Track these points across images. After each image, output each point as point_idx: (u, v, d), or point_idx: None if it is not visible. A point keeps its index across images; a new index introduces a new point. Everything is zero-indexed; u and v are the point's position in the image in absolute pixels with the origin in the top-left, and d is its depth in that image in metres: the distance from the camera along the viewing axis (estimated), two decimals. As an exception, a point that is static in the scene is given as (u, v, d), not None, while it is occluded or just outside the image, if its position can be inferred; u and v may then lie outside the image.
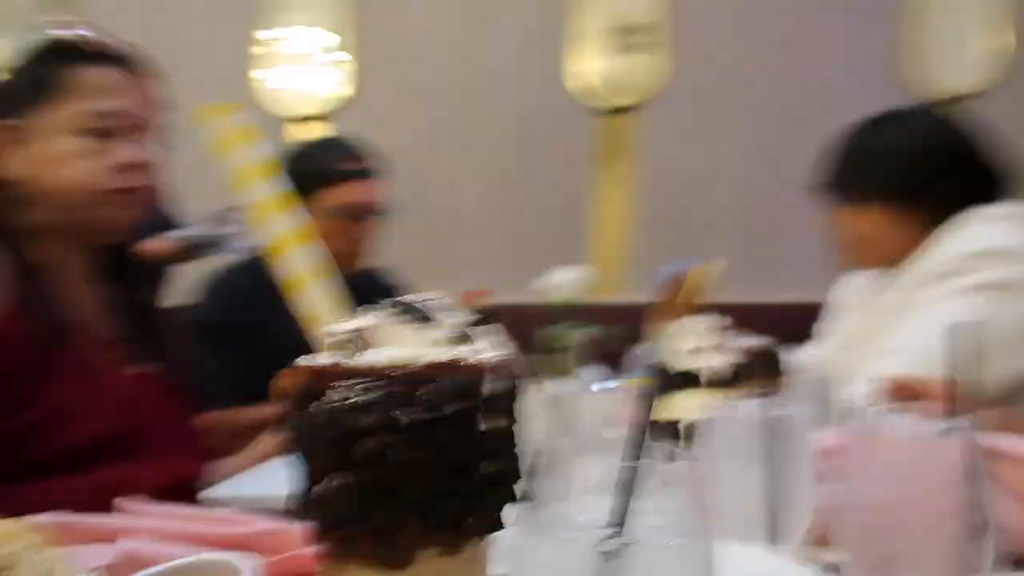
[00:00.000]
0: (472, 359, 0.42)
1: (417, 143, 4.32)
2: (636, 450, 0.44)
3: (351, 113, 4.30)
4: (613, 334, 1.80)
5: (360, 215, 2.07)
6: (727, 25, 4.28)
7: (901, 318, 1.60)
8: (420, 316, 0.41)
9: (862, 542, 0.64)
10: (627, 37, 4.28)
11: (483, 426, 0.42)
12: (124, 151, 1.20)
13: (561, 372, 1.68)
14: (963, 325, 0.69)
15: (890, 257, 1.72)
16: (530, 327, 2.93)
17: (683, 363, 1.22)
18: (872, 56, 4.30)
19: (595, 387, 1.16)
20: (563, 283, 1.75)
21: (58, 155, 1.19)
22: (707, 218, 4.26)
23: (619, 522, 0.42)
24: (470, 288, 1.77)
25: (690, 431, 1.19)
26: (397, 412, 0.39)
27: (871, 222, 1.69)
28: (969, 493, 0.59)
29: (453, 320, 0.42)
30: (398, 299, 0.42)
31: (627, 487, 0.42)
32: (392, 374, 0.40)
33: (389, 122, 4.33)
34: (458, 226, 4.31)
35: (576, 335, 1.68)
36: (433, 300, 0.43)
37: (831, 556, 0.80)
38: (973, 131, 1.68)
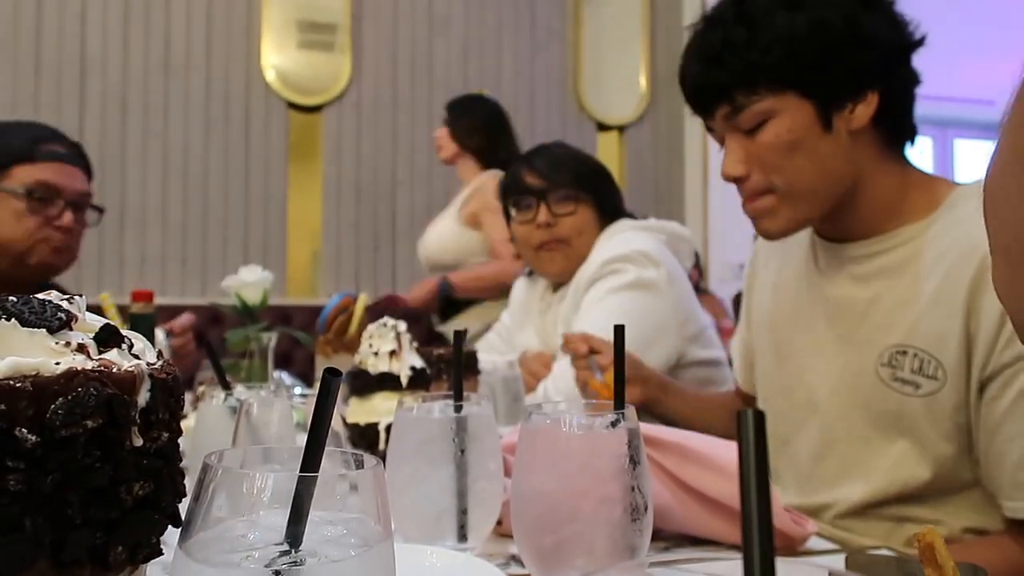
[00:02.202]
0: (124, 366, 0.37)
1: (91, 127, 3.89)
2: (314, 458, 0.41)
3: None
4: (305, 337, 1.74)
5: (53, 198, 1.85)
6: (408, 35, 4.36)
7: (574, 320, 1.75)
8: (52, 318, 0.35)
9: (535, 532, 0.66)
10: (313, 34, 4.20)
11: (138, 442, 0.37)
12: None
13: (250, 377, 1.59)
14: (626, 325, 0.75)
15: (577, 263, 1.88)
16: (219, 329, 2.75)
17: (380, 366, 1.21)
18: (549, 78, 4.64)
19: (285, 393, 1.10)
20: (251, 283, 1.66)
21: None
22: (393, 222, 4.31)
23: (294, 537, 0.39)
24: (146, 288, 1.61)
25: (388, 433, 1.19)
26: (22, 431, 0.33)
27: (574, 222, 1.86)
28: (631, 479, 0.64)
29: (95, 323, 0.36)
30: (22, 299, 0.35)
31: (303, 498, 0.39)
32: (15, 386, 0.33)
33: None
34: (140, 221, 3.95)
35: (265, 338, 1.60)
36: (70, 300, 0.37)
37: (514, 548, 0.82)
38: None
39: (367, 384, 1.21)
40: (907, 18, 1.15)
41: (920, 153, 5.69)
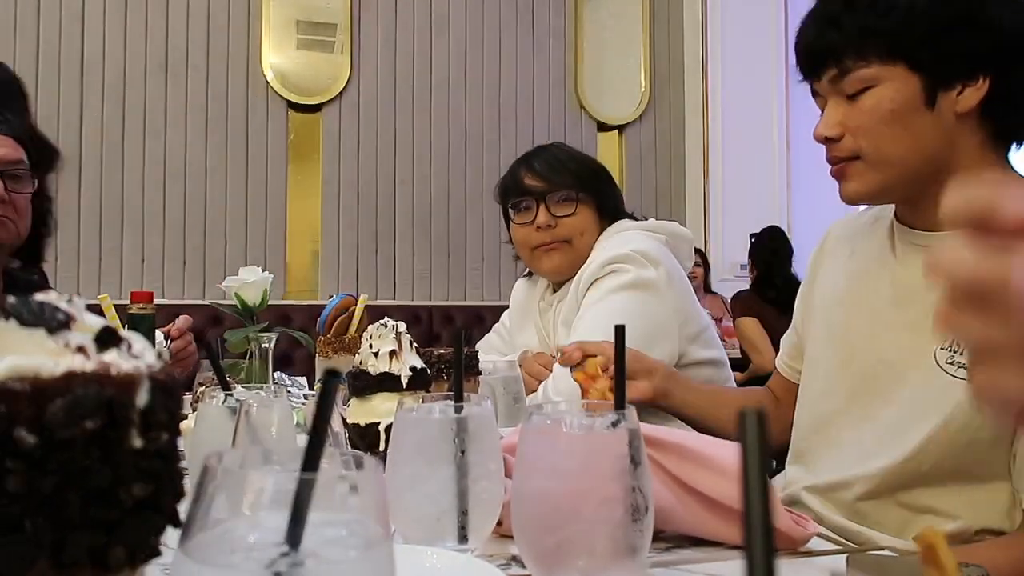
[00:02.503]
0: (124, 366, 0.37)
1: (92, 130, 3.89)
2: (314, 459, 0.41)
3: None
4: (305, 337, 1.74)
5: None
6: (408, 34, 4.37)
7: (575, 321, 1.75)
8: (51, 319, 0.35)
9: (536, 533, 0.66)
10: (312, 34, 4.21)
11: (137, 443, 0.37)
12: None
13: (250, 378, 1.59)
14: (626, 325, 0.75)
15: (580, 265, 1.88)
16: (218, 329, 2.75)
17: (380, 366, 1.21)
18: (550, 77, 4.64)
19: (285, 393, 1.10)
20: (251, 283, 1.66)
21: None
22: (394, 223, 4.31)
23: (294, 538, 0.39)
24: (145, 289, 1.61)
25: (388, 434, 1.19)
26: (21, 432, 0.33)
27: (575, 223, 1.85)
28: (632, 479, 0.64)
29: (94, 323, 0.36)
30: (21, 299, 0.35)
31: (303, 499, 0.39)
32: (15, 388, 0.33)
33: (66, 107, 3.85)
34: (140, 222, 3.95)
35: (265, 338, 1.60)
36: (70, 300, 0.36)
37: (515, 549, 0.82)
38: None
39: (367, 385, 1.21)
40: None
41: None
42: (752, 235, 4.56)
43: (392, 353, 1.21)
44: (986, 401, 0.48)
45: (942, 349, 1.12)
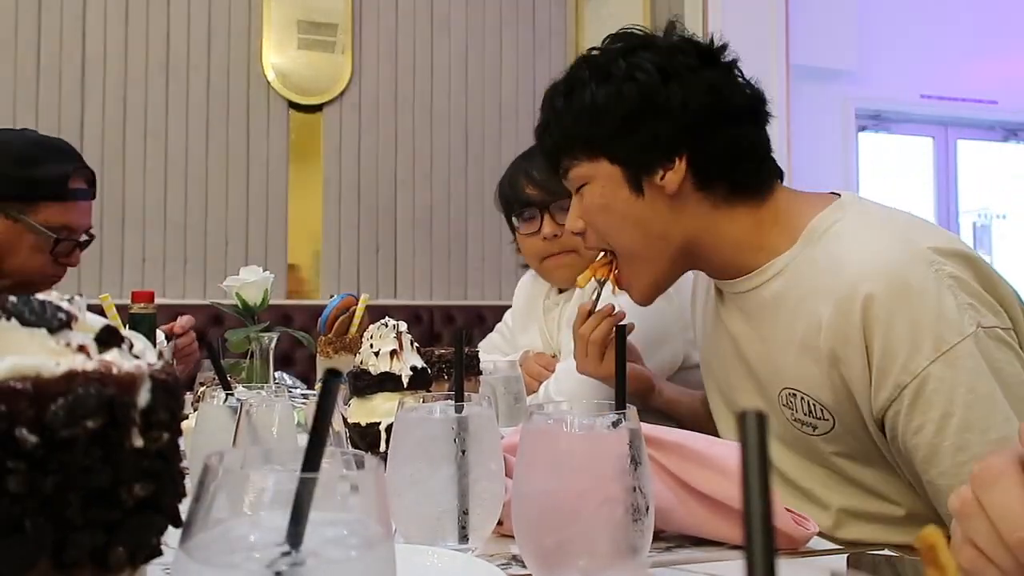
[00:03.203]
0: (125, 366, 0.37)
1: (93, 130, 3.89)
2: (315, 459, 0.41)
3: None
4: (306, 337, 1.74)
5: (71, 237, 1.87)
6: (409, 34, 4.36)
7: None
8: (52, 318, 0.35)
9: (536, 533, 0.66)
10: (313, 34, 4.20)
11: (138, 442, 0.37)
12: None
13: (251, 377, 1.59)
14: (629, 326, 0.75)
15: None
16: (219, 329, 2.75)
17: (381, 366, 1.21)
18: (550, 78, 4.64)
19: (286, 393, 1.10)
20: (252, 283, 1.65)
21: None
22: (395, 222, 4.31)
23: (294, 538, 0.39)
24: (146, 289, 1.61)
25: (389, 434, 1.19)
26: (22, 432, 0.33)
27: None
28: (633, 479, 0.64)
29: (95, 323, 0.36)
30: (22, 299, 0.35)
31: (304, 499, 0.39)
32: (16, 387, 0.33)
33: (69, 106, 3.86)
34: (140, 222, 3.95)
35: (266, 338, 1.60)
36: (71, 300, 0.37)
37: (515, 549, 0.82)
38: None
39: (368, 384, 1.21)
40: (740, 82, 1.20)
41: (921, 155, 5.70)
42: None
43: (393, 353, 1.21)
44: None
45: (783, 407, 1.17)
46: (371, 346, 1.22)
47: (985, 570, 0.53)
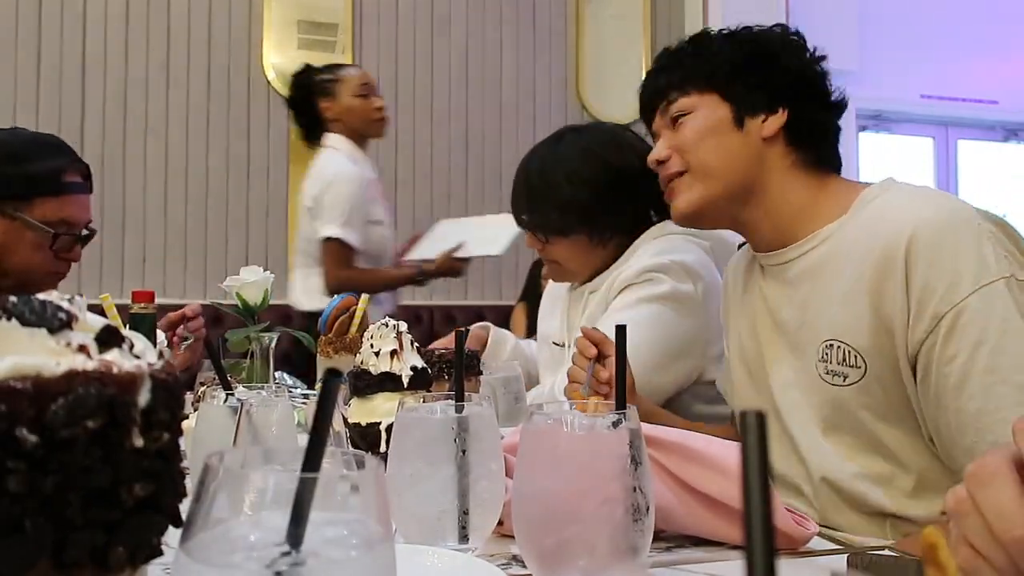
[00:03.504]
0: (125, 366, 0.37)
1: (94, 130, 3.89)
2: (315, 459, 0.41)
3: None
4: (306, 337, 1.74)
5: (70, 232, 1.84)
6: (409, 34, 4.36)
7: (600, 322, 1.70)
8: (53, 318, 0.35)
9: (537, 533, 0.66)
10: (313, 34, 4.20)
11: (139, 442, 0.37)
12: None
13: (251, 377, 1.59)
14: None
15: (588, 274, 1.82)
16: (220, 329, 2.76)
17: (381, 366, 1.21)
18: (551, 77, 4.65)
19: (286, 393, 1.10)
20: (252, 283, 1.65)
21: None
22: (395, 222, 4.31)
23: (295, 538, 0.39)
24: (147, 289, 1.61)
25: (389, 434, 1.19)
26: (22, 432, 0.33)
27: (566, 248, 1.78)
28: (633, 479, 0.64)
29: (95, 323, 0.36)
30: (22, 299, 0.35)
31: (304, 499, 0.39)
32: (16, 387, 0.33)
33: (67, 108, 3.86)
34: (141, 222, 3.95)
35: (266, 338, 1.60)
36: (71, 300, 0.37)
37: (516, 549, 0.82)
38: (637, 148, 1.81)
39: (368, 384, 1.21)
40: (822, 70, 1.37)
41: (922, 155, 5.70)
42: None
43: (393, 353, 1.21)
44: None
45: (819, 362, 1.24)
46: (371, 346, 1.22)
47: (981, 569, 0.53)
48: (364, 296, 1.77)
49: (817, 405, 1.25)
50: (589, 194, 1.72)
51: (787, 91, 1.33)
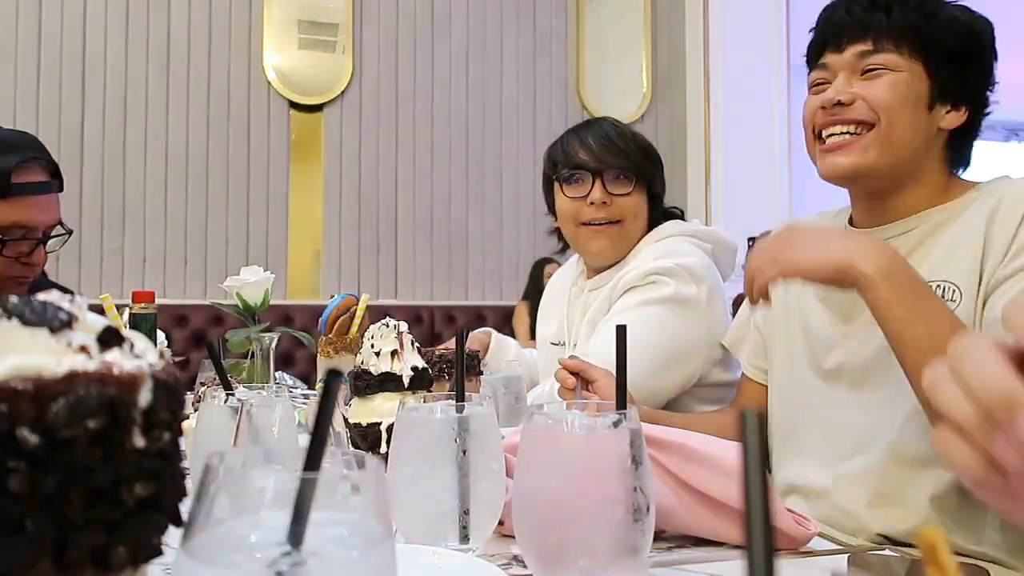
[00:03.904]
0: (126, 366, 0.37)
1: (94, 130, 3.89)
2: (316, 459, 0.41)
3: None
4: (306, 337, 1.74)
5: (27, 236, 1.71)
6: (409, 34, 4.36)
7: (602, 323, 1.71)
8: (53, 318, 0.35)
9: (537, 533, 0.66)
10: (314, 34, 4.20)
11: (140, 442, 0.37)
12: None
13: (251, 378, 1.59)
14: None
15: (627, 249, 1.79)
16: (220, 329, 2.76)
17: (382, 366, 1.21)
18: (551, 77, 4.64)
19: (287, 393, 1.10)
20: (253, 283, 1.65)
21: None
22: (395, 222, 4.31)
23: (296, 537, 0.39)
24: (147, 289, 1.61)
25: (390, 434, 1.19)
26: (23, 432, 0.33)
27: (633, 203, 1.77)
28: (634, 479, 0.64)
29: (96, 323, 0.36)
30: (23, 298, 0.35)
31: (305, 499, 0.39)
32: (17, 387, 0.33)
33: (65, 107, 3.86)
34: (141, 222, 3.95)
35: (267, 338, 1.60)
36: (72, 300, 0.37)
37: (516, 549, 0.82)
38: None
39: (369, 384, 1.21)
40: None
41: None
42: (750, 239, 4.55)
43: (394, 353, 1.21)
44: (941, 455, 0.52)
45: None
46: (372, 346, 1.22)
47: (956, 449, 0.51)
48: (364, 296, 1.77)
49: (900, 384, 1.17)
50: (649, 146, 1.83)
51: (979, 92, 1.28)
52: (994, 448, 0.49)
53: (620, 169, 1.74)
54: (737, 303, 4.56)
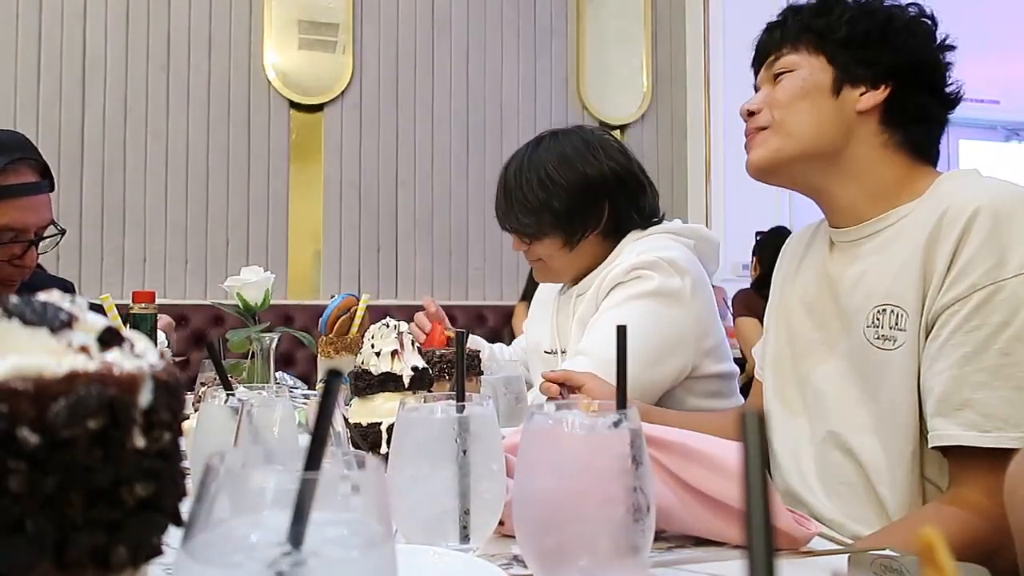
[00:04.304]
0: (126, 366, 0.37)
1: (94, 130, 3.89)
2: (317, 458, 0.41)
3: None
4: (306, 337, 1.74)
5: (19, 237, 1.69)
6: (409, 34, 4.36)
7: (591, 322, 1.72)
8: (54, 318, 0.35)
9: (537, 533, 0.66)
10: (314, 34, 4.20)
11: (140, 443, 0.37)
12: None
13: (252, 378, 1.59)
14: (630, 327, 0.75)
15: (572, 274, 1.84)
16: (220, 329, 2.76)
17: (382, 366, 1.21)
18: (552, 77, 4.64)
19: (287, 393, 1.10)
20: (253, 283, 1.66)
21: None
22: (396, 222, 4.31)
23: (296, 538, 0.39)
24: (148, 289, 1.61)
25: (390, 434, 1.19)
26: (24, 432, 0.33)
27: (545, 247, 1.80)
28: (634, 479, 0.64)
29: (96, 323, 0.36)
30: (23, 298, 0.35)
31: (305, 499, 0.39)
32: (17, 387, 0.33)
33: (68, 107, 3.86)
34: (142, 222, 3.95)
35: (267, 338, 1.60)
36: (72, 300, 0.36)
37: (516, 549, 0.82)
38: (624, 152, 1.86)
39: (369, 384, 1.21)
40: (948, 74, 1.34)
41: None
42: (758, 233, 4.55)
43: (394, 353, 1.21)
44: None
45: (868, 328, 1.23)
46: (372, 346, 1.22)
47: None
48: (365, 296, 1.77)
49: (863, 375, 1.24)
50: (560, 199, 1.76)
51: (896, 70, 1.30)
52: None
53: (520, 225, 1.81)
54: (737, 302, 4.56)
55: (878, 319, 1.22)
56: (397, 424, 0.82)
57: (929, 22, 1.36)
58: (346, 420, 1.18)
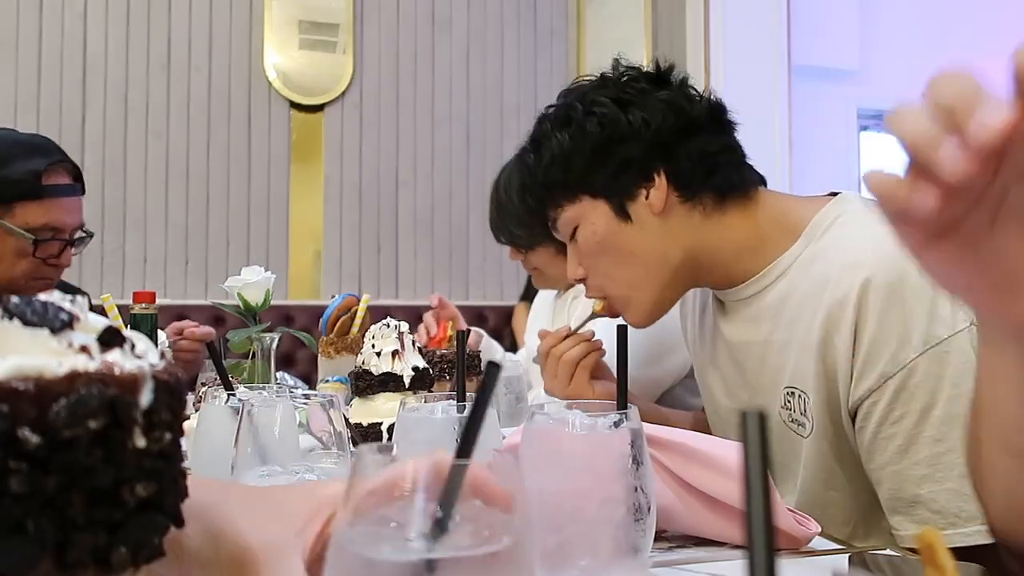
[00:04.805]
0: (127, 366, 0.37)
1: (94, 130, 3.89)
2: (469, 446, 0.42)
3: None
4: (307, 338, 1.74)
5: (56, 237, 1.77)
6: (410, 34, 4.36)
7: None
8: (55, 319, 0.35)
9: (538, 533, 0.66)
10: (314, 34, 4.20)
11: (141, 443, 0.37)
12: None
13: (252, 378, 1.59)
14: (618, 324, 0.75)
15: (568, 280, 1.85)
16: (221, 329, 2.76)
17: (383, 366, 1.21)
18: (551, 78, 4.64)
19: (288, 393, 1.10)
20: (254, 283, 1.66)
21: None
22: (396, 222, 4.31)
23: (441, 526, 0.40)
24: (148, 289, 1.61)
25: (391, 434, 1.19)
26: (25, 432, 0.33)
27: (540, 257, 1.83)
28: (634, 479, 0.64)
29: (97, 323, 0.36)
30: (24, 299, 0.35)
31: (454, 485, 0.40)
32: (18, 387, 0.33)
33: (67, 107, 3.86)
34: (142, 222, 3.95)
35: (267, 338, 1.60)
36: (72, 300, 0.37)
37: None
38: None
39: (370, 384, 1.21)
40: (694, 95, 1.22)
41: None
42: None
43: (395, 353, 1.21)
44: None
45: (782, 408, 1.17)
46: (373, 346, 1.22)
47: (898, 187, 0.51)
48: (365, 296, 1.77)
49: (777, 452, 1.17)
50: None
51: (652, 153, 1.19)
52: (938, 155, 0.49)
53: (505, 241, 1.91)
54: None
55: (788, 401, 1.16)
56: (397, 424, 0.82)
57: (635, 79, 1.23)
58: (347, 420, 1.18)
